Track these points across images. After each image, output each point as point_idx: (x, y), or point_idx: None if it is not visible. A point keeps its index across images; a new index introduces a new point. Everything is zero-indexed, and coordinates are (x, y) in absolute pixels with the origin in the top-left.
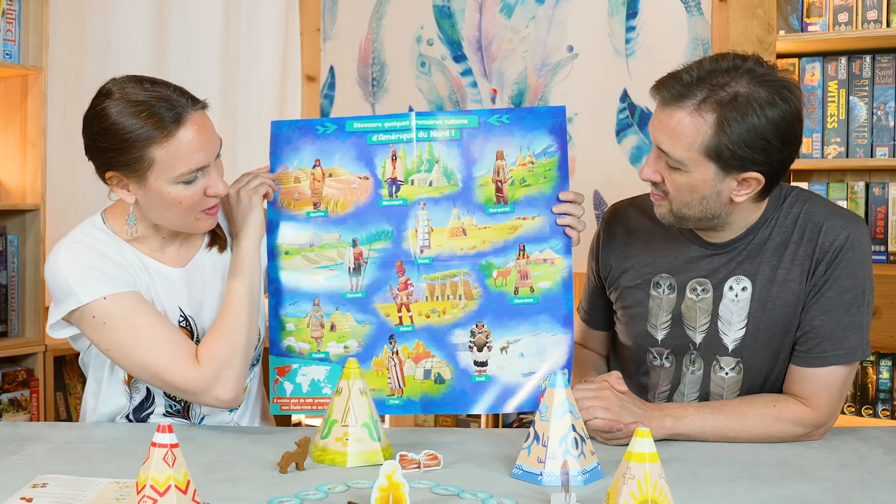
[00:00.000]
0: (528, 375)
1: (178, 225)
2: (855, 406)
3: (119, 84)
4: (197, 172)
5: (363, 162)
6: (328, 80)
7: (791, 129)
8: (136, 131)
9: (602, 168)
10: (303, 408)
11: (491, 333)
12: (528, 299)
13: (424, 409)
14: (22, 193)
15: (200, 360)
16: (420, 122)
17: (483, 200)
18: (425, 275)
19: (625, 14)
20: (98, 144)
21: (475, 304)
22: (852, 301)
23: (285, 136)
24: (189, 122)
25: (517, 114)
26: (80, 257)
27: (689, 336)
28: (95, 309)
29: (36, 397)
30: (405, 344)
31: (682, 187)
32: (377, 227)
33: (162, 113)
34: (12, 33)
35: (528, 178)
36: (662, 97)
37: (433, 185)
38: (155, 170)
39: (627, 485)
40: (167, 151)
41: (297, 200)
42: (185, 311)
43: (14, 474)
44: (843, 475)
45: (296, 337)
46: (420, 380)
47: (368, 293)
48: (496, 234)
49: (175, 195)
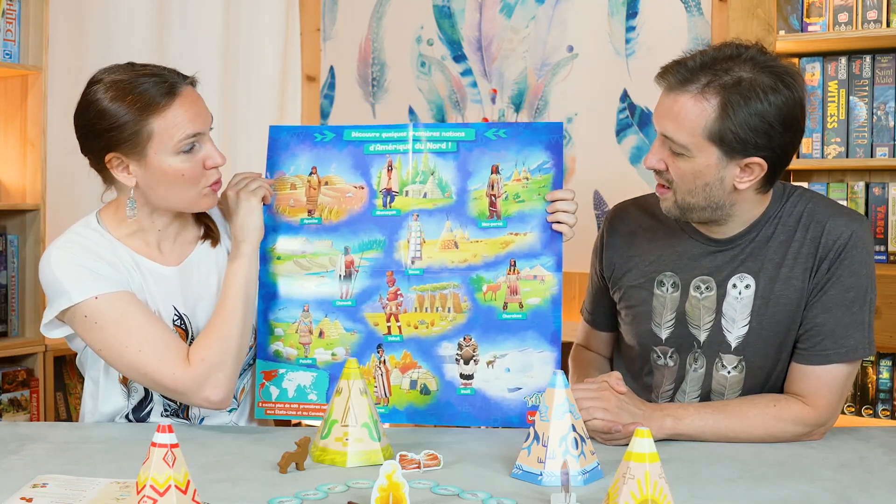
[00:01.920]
0: (513, 391)
1: (181, 203)
2: (855, 406)
3: (105, 72)
4: (194, 140)
5: (359, 171)
6: (328, 80)
7: (793, 115)
8: (131, 106)
9: (602, 168)
10: (287, 412)
11: (478, 347)
12: (516, 315)
13: (409, 419)
14: (22, 193)
15: (191, 361)
16: (417, 133)
17: (476, 214)
18: (415, 286)
19: (625, 14)
20: (96, 128)
21: (464, 318)
22: (854, 299)
23: (283, 141)
24: (182, 94)
25: (514, 128)
26: (72, 257)
27: (692, 334)
28: (87, 308)
29: (36, 397)
30: (393, 354)
31: (685, 174)
32: (370, 236)
33: (156, 86)
34: (12, 33)
35: (521, 194)
36: (668, 82)
37: (427, 196)
38: (154, 142)
39: (627, 485)
40: (165, 121)
41: (292, 207)
42: (179, 309)
43: (14, 474)
44: (843, 475)
45: (284, 342)
46: (406, 390)
47: (358, 301)
48: (488, 249)
49: (176, 168)
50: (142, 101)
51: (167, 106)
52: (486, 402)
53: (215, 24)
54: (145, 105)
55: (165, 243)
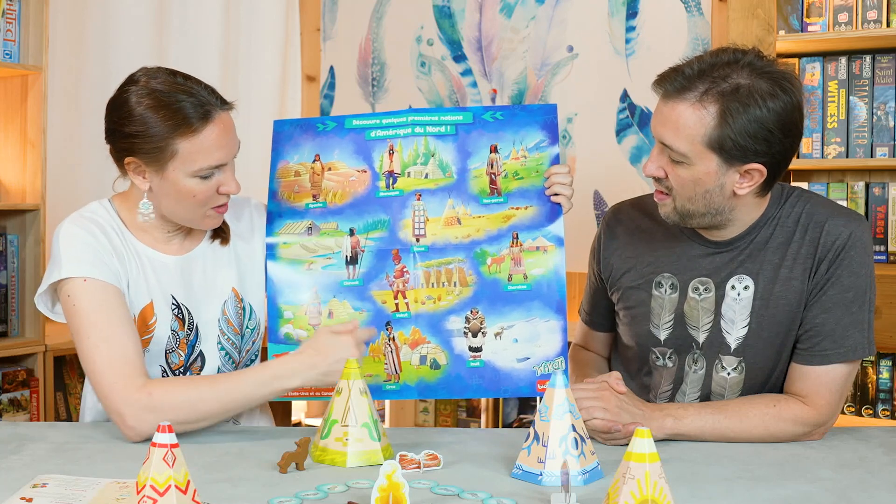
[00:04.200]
0: (522, 361)
1: (185, 218)
2: (855, 406)
3: (146, 74)
4: (215, 169)
5: (361, 156)
6: (328, 80)
7: (792, 120)
8: (163, 121)
9: (602, 168)
10: (301, 394)
11: (485, 319)
12: (521, 286)
13: (421, 395)
14: (22, 193)
15: (140, 386)
16: (416, 117)
17: (477, 191)
18: (421, 262)
19: (625, 14)
20: (123, 130)
21: (470, 291)
22: (854, 299)
23: (286, 133)
24: (216, 120)
25: (510, 111)
26: (82, 234)
27: (692, 336)
28: (72, 288)
29: (36, 397)
30: (401, 330)
31: (685, 181)
32: (374, 216)
33: (192, 107)
34: (12, 33)
35: (520, 172)
36: (665, 90)
37: (429, 177)
38: (176, 161)
39: (627, 485)
40: (192, 145)
41: (296, 193)
42: (177, 298)
43: (14, 474)
44: (843, 475)
45: (294, 324)
46: (416, 365)
47: (365, 281)
48: (490, 223)
49: (190, 188)
50: (175, 119)
51: (198, 131)
52: (496, 374)
53: (215, 24)
54: (177, 124)
55: (175, 240)
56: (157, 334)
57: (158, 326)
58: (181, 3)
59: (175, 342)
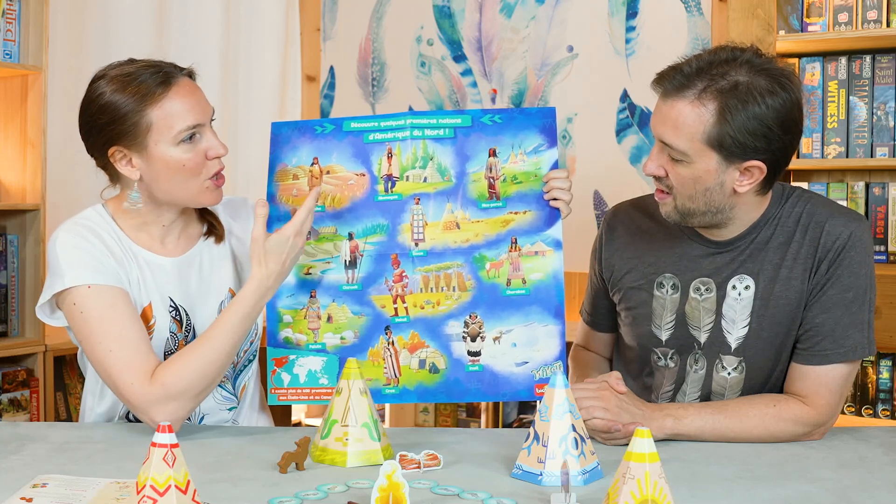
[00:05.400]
0: (520, 365)
1: (183, 196)
2: (855, 406)
3: (107, 68)
4: (194, 130)
5: (360, 160)
6: (328, 80)
7: (791, 117)
8: (131, 97)
9: (602, 168)
10: (300, 397)
11: (484, 324)
12: (520, 290)
13: (420, 399)
14: (22, 193)
15: (153, 380)
16: (415, 120)
17: (476, 196)
18: (420, 267)
19: (625, 14)
20: (97, 122)
21: (468, 296)
22: (854, 299)
23: (285, 136)
24: (179, 84)
25: (509, 114)
26: (78, 241)
27: (693, 336)
28: (77, 295)
29: (36, 397)
30: (400, 335)
31: (685, 180)
32: (373, 221)
33: (152, 76)
34: (12, 33)
35: (519, 176)
36: (664, 89)
37: (427, 181)
38: (154, 132)
39: (627, 485)
40: (162, 111)
41: (295, 196)
42: (175, 300)
43: (14, 474)
44: (843, 475)
45: (293, 328)
46: (415, 369)
47: (364, 285)
48: (489, 228)
49: (177, 158)
50: (139, 91)
51: (163, 96)
52: (495, 378)
53: (215, 24)
54: (143, 96)
55: (169, 238)
56: (156, 336)
57: (157, 328)
58: (181, 2)
59: (174, 343)
